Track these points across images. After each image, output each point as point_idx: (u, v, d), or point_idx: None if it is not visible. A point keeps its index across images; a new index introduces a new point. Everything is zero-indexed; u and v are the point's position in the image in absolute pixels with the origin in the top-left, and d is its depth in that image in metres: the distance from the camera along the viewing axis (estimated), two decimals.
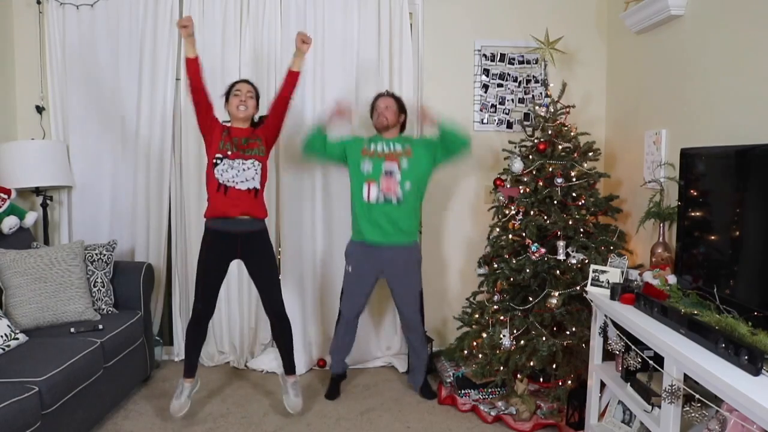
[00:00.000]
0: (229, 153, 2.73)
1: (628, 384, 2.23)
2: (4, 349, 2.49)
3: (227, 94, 2.84)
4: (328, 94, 3.50)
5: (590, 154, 3.10)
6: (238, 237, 2.77)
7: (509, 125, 3.66)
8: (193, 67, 2.75)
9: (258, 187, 2.79)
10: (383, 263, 3.05)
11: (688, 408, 1.75)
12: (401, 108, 3.14)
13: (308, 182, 3.54)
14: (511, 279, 2.97)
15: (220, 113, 2.88)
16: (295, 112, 3.51)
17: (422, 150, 3.05)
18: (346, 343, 3.22)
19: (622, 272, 2.46)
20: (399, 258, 3.06)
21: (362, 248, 3.07)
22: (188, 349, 2.88)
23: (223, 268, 2.83)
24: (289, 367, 2.95)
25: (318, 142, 3.10)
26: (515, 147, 3.21)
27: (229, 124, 2.84)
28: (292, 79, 2.85)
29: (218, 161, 2.73)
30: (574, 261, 2.89)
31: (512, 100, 3.65)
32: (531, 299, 2.95)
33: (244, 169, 2.74)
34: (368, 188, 2.99)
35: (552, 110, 3.10)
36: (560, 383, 2.90)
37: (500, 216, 3.19)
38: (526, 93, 3.65)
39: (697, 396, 1.72)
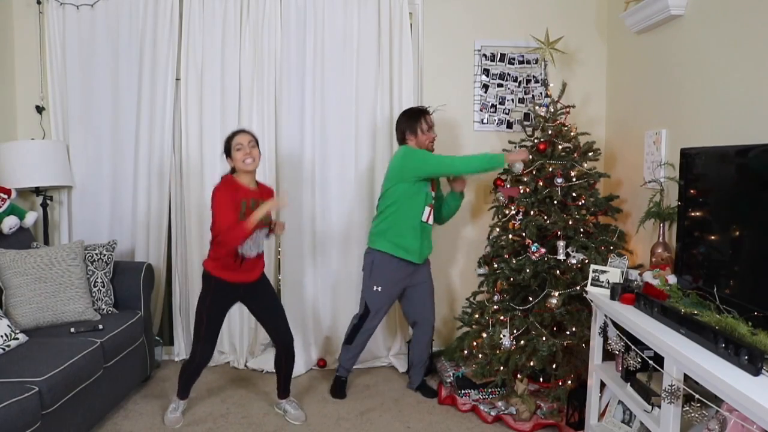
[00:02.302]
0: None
1: (628, 384, 2.23)
2: (4, 349, 2.49)
3: (227, 150, 2.70)
4: (328, 94, 3.50)
5: (590, 154, 3.10)
6: (241, 286, 2.77)
7: (509, 125, 3.66)
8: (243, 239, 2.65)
9: (264, 249, 2.82)
10: (412, 278, 3.12)
11: (688, 408, 1.75)
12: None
13: (308, 182, 3.54)
14: (511, 279, 2.97)
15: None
16: (295, 112, 3.52)
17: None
18: (362, 351, 3.26)
19: (622, 272, 2.45)
20: (425, 268, 3.19)
21: (402, 272, 3.07)
22: (184, 383, 2.87)
23: (226, 312, 2.83)
24: (285, 390, 2.95)
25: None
26: (515, 147, 3.21)
27: (236, 179, 2.70)
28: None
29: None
30: (574, 261, 2.89)
31: (512, 100, 3.65)
32: (531, 299, 2.95)
33: (260, 239, 2.75)
34: (430, 211, 3.08)
35: (552, 110, 3.10)
36: (560, 383, 2.90)
37: (500, 216, 3.19)
38: (526, 93, 3.65)
39: (697, 396, 1.72)
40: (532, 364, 2.87)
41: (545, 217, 2.97)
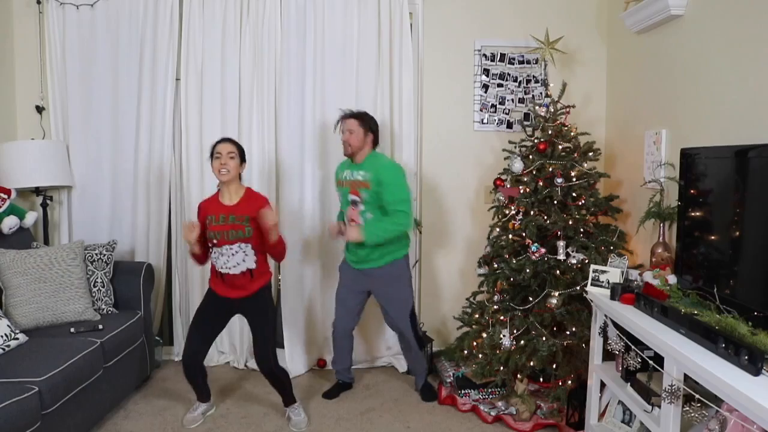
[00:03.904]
0: (215, 241, 2.66)
1: (628, 384, 2.23)
2: (4, 349, 2.49)
3: (211, 156, 2.71)
4: (328, 94, 3.50)
5: (590, 154, 3.10)
6: (233, 300, 2.77)
7: (509, 125, 3.66)
8: (201, 260, 2.78)
9: (252, 267, 2.70)
10: (366, 282, 3.07)
11: (688, 408, 1.75)
12: (368, 126, 2.97)
13: (308, 182, 3.54)
14: (511, 279, 2.97)
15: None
16: (295, 112, 3.52)
17: (377, 187, 2.89)
18: (345, 356, 3.22)
19: (622, 272, 2.45)
20: (381, 277, 3.03)
21: (349, 267, 3.12)
22: (192, 386, 2.87)
23: (220, 322, 2.82)
24: (288, 401, 2.91)
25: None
26: (515, 147, 3.21)
27: (219, 190, 2.75)
28: (271, 249, 2.73)
29: (211, 248, 2.72)
30: (574, 261, 2.89)
31: (512, 100, 3.65)
32: (531, 299, 2.95)
33: (232, 254, 2.67)
34: (346, 218, 3.03)
35: (552, 110, 3.10)
36: (560, 383, 2.90)
37: (500, 216, 3.19)
38: (526, 93, 3.65)
39: (697, 396, 1.72)
40: (532, 364, 2.86)
41: (545, 217, 2.96)
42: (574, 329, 2.86)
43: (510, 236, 3.09)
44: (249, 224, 2.65)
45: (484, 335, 3.05)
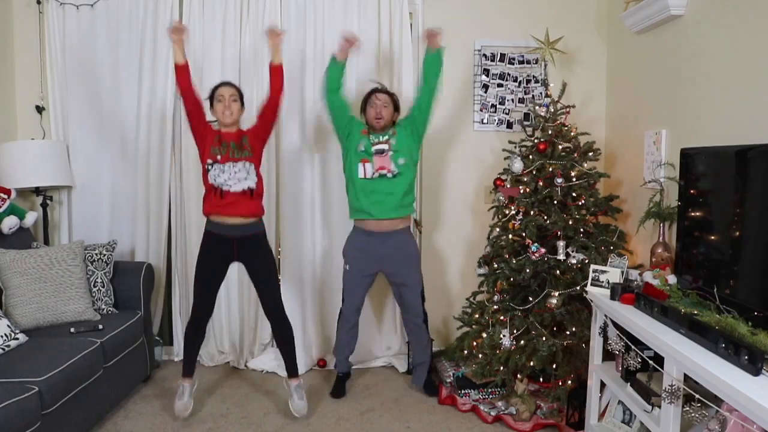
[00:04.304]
0: (219, 157, 2.74)
1: (628, 384, 2.23)
2: (4, 349, 2.49)
3: (211, 99, 2.81)
4: None
5: (590, 154, 3.10)
6: (235, 241, 2.78)
7: (509, 125, 3.66)
8: (183, 74, 2.75)
9: (253, 186, 2.78)
10: (380, 256, 3.05)
11: (688, 408, 1.75)
12: (396, 106, 3.10)
13: (308, 182, 3.54)
14: (511, 279, 2.97)
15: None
16: (295, 112, 3.52)
17: (404, 128, 3.06)
18: (349, 342, 3.24)
19: (622, 272, 2.45)
20: (396, 248, 3.06)
21: (360, 241, 3.08)
22: (187, 348, 2.91)
23: (221, 270, 2.85)
24: (291, 369, 2.94)
25: (336, 74, 3.05)
26: (515, 147, 3.21)
27: (218, 129, 2.83)
28: (276, 73, 2.82)
29: (210, 167, 2.75)
30: (574, 261, 2.89)
31: (512, 100, 3.65)
32: (531, 299, 2.95)
33: (235, 171, 2.74)
34: (363, 167, 3.01)
35: (552, 110, 3.10)
36: (560, 383, 2.90)
37: (500, 216, 3.19)
38: (526, 93, 3.65)
39: (697, 396, 1.72)
40: (532, 364, 2.86)
41: (545, 217, 2.96)
42: (574, 329, 2.86)
43: (510, 236, 3.09)
44: (252, 142, 2.79)
45: (484, 335, 3.05)
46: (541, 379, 3.05)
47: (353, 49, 3.08)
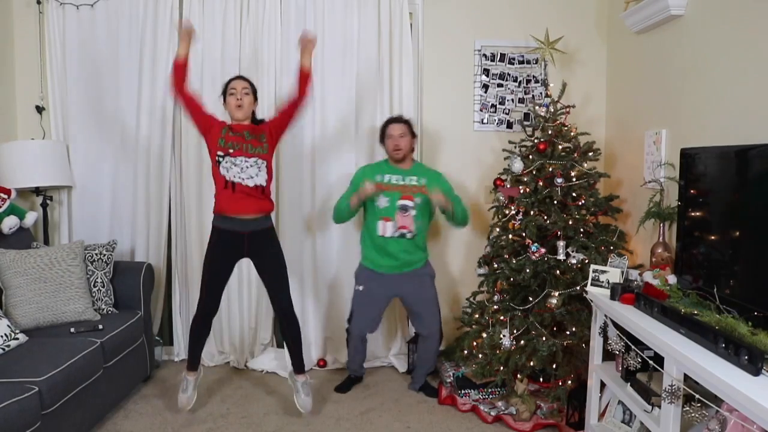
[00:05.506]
0: (231, 151, 2.71)
1: (628, 384, 2.23)
2: (4, 349, 2.49)
3: (224, 93, 2.81)
4: (328, 95, 3.50)
5: (590, 154, 3.10)
6: (245, 236, 2.75)
7: (509, 125, 3.66)
8: (180, 72, 2.72)
9: (264, 184, 2.77)
10: (398, 288, 3.11)
11: (688, 408, 1.75)
12: (413, 133, 3.12)
13: (308, 182, 3.54)
14: (511, 279, 2.97)
15: (219, 112, 2.88)
16: None
17: (423, 200, 3.05)
18: (362, 356, 3.32)
19: (622, 272, 2.45)
20: (413, 281, 3.12)
21: (374, 275, 3.11)
22: (192, 343, 2.89)
23: (229, 266, 2.83)
24: (298, 365, 2.94)
25: (346, 215, 3.09)
26: (515, 147, 3.21)
27: (229, 122, 2.82)
28: (305, 79, 2.79)
29: (220, 159, 2.71)
30: (574, 261, 2.89)
31: (512, 100, 3.65)
32: (531, 299, 2.95)
33: (247, 166, 2.72)
34: (383, 225, 3.02)
35: (552, 110, 3.10)
36: (560, 383, 2.90)
37: (500, 216, 3.19)
38: (526, 93, 3.65)
39: (697, 396, 1.72)
40: (532, 364, 2.86)
41: (545, 217, 2.96)
42: (574, 329, 2.86)
43: (510, 236, 3.09)
44: (266, 141, 2.76)
45: (484, 335, 3.05)
46: (541, 379, 3.05)
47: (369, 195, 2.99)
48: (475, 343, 3.14)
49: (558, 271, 2.90)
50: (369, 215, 3.10)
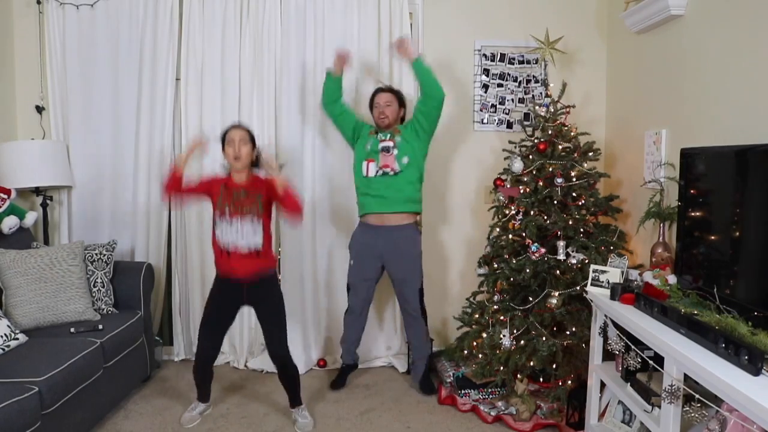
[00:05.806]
0: (227, 211, 2.66)
1: (628, 384, 2.23)
2: (4, 349, 2.49)
3: (222, 141, 2.71)
4: None
5: (590, 154, 3.09)
6: (244, 286, 2.72)
7: (509, 125, 3.66)
8: (177, 183, 2.65)
9: (259, 247, 2.68)
10: (383, 248, 3.11)
11: (688, 408, 1.75)
12: (401, 103, 3.20)
13: (308, 181, 3.54)
14: (511, 279, 2.97)
15: (219, 112, 2.86)
16: (295, 112, 3.52)
17: (409, 130, 3.13)
18: (356, 334, 3.30)
19: (622, 272, 2.45)
20: (396, 244, 3.12)
21: (364, 234, 3.15)
22: (199, 385, 2.88)
23: (230, 314, 2.80)
24: (294, 401, 2.89)
25: (332, 87, 3.17)
26: (515, 147, 3.21)
27: (228, 173, 2.74)
28: (284, 203, 2.64)
29: (218, 221, 2.68)
30: (574, 261, 2.89)
31: (512, 100, 3.65)
32: (531, 299, 2.95)
33: (242, 227, 2.66)
34: (366, 165, 3.10)
35: (552, 110, 3.10)
36: (560, 383, 2.89)
37: (500, 216, 3.19)
38: (526, 93, 3.65)
39: (697, 396, 1.72)
40: (532, 364, 2.86)
41: (545, 217, 2.96)
42: (574, 329, 2.86)
43: (510, 236, 3.09)
44: (262, 200, 2.71)
45: (484, 335, 3.05)
46: (541, 379, 3.05)
47: (347, 65, 3.15)
48: (475, 343, 3.14)
49: (558, 271, 2.90)
50: (356, 160, 3.18)
